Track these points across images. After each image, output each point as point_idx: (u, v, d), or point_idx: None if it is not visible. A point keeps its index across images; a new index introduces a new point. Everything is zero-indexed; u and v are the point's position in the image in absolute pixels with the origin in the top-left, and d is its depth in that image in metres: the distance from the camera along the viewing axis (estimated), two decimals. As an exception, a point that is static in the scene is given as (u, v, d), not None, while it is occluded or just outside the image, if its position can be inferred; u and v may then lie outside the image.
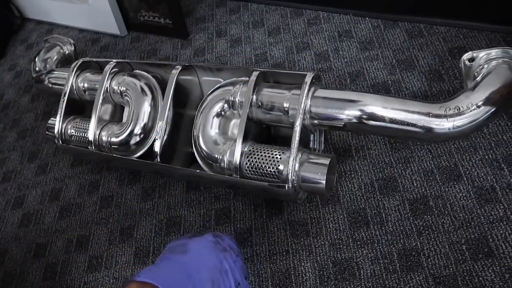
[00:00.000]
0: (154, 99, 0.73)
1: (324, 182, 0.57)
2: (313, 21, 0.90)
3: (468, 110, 0.53)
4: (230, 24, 0.99)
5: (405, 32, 0.80)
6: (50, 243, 0.79)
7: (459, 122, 0.53)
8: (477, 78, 0.56)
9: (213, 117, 0.66)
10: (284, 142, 0.70)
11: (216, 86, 0.68)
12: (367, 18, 0.85)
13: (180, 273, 0.45)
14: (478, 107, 0.53)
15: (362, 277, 0.58)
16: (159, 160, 0.68)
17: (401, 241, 0.59)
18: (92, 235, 0.77)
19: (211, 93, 0.67)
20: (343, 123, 0.58)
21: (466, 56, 0.59)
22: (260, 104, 0.62)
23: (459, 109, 0.53)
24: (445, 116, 0.53)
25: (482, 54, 0.58)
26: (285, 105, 0.60)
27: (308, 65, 0.84)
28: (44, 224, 0.82)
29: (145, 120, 0.72)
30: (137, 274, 0.46)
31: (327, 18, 0.89)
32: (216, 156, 0.64)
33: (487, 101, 0.53)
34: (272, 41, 0.91)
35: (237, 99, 0.64)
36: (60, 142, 0.79)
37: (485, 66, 0.57)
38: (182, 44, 1.01)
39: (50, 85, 0.89)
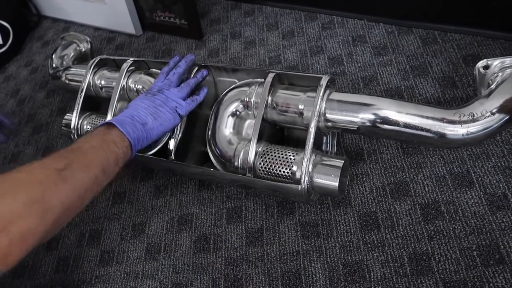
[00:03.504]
0: (169, 98, 0.74)
1: (337, 184, 0.57)
2: (327, 25, 0.91)
3: (482, 117, 0.53)
4: (244, 26, 1.00)
5: (419, 38, 0.81)
6: (62, 236, 0.80)
7: (473, 128, 0.53)
8: (492, 86, 0.56)
9: (228, 117, 0.67)
10: (296, 143, 0.71)
11: (232, 87, 0.69)
12: (381, 24, 0.86)
13: (127, 117, 0.61)
14: (492, 114, 0.53)
15: (372, 279, 0.58)
16: (173, 158, 0.69)
17: (412, 245, 0.59)
18: (104, 230, 0.78)
19: (226, 93, 0.69)
20: (356, 126, 0.59)
21: (480, 63, 0.59)
22: (275, 105, 0.63)
23: (473, 116, 0.53)
24: (459, 122, 0.53)
25: (496, 62, 0.58)
26: (300, 107, 0.61)
27: (322, 68, 0.84)
28: (57, 218, 0.84)
29: (160, 118, 0.73)
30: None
31: (342, 22, 0.90)
32: (230, 155, 0.65)
33: (501, 109, 0.53)
34: (286, 44, 0.92)
35: (252, 100, 0.65)
36: (76, 137, 0.80)
37: (500, 74, 0.57)
38: (196, 45, 1.02)
39: (67, 81, 0.91)
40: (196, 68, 0.73)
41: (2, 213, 0.41)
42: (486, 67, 0.59)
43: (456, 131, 0.53)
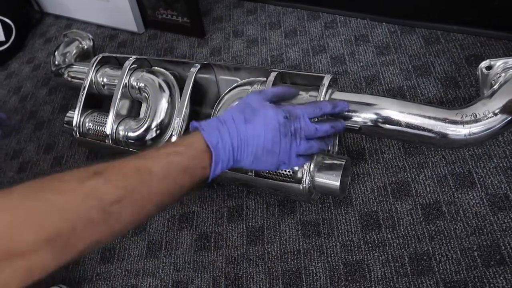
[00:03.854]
0: (171, 96, 0.74)
1: (338, 183, 0.57)
2: (330, 24, 0.91)
3: (484, 118, 0.53)
4: (247, 24, 1.00)
5: (422, 38, 0.80)
6: (64, 233, 0.81)
7: (475, 129, 0.53)
8: (495, 86, 0.56)
9: (230, 116, 0.67)
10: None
11: (234, 85, 0.69)
12: (384, 23, 0.86)
13: (233, 146, 0.49)
14: (495, 115, 0.53)
15: (373, 279, 0.59)
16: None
17: (413, 245, 0.59)
18: (105, 228, 0.78)
19: (228, 92, 0.69)
20: (358, 126, 0.59)
21: (483, 64, 0.59)
22: (277, 104, 0.63)
23: (476, 116, 0.53)
24: (462, 123, 0.53)
25: (499, 63, 0.58)
26: (302, 106, 0.61)
27: (324, 68, 0.84)
28: (58, 215, 0.84)
29: (162, 116, 0.73)
30: (202, 125, 0.50)
31: (344, 22, 0.90)
32: (232, 154, 0.65)
33: (504, 109, 0.53)
34: (288, 43, 0.92)
35: (254, 99, 0.65)
36: (78, 135, 0.81)
37: (503, 74, 0.57)
38: (198, 43, 1.02)
39: (69, 78, 0.91)
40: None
41: (15, 245, 0.34)
42: (489, 68, 0.59)
43: (458, 131, 0.53)
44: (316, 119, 0.56)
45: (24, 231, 0.34)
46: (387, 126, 0.57)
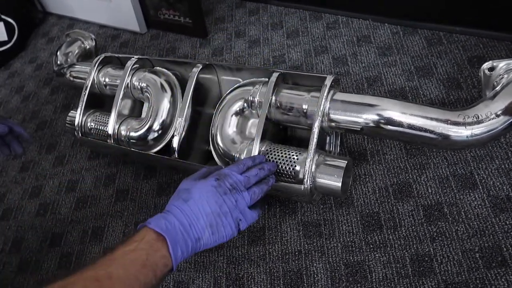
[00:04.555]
0: (173, 96, 0.74)
1: (340, 184, 0.57)
2: (332, 25, 0.91)
3: (487, 119, 0.53)
4: (249, 25, 1.00)
5: (424, 39, 0.80)
6: (65, 233, 0.81)
7: (477, 130, 0.53)
8: (497, 88, 0.56)
9: (232, 116, 0.67)
10: (299, 143, 0.71)
11: (236, 86, 0.69)
12: (386, 24, 0.86)
13: (183, 225, 0.51)
14: (497, 116, 0.53)
15: (374, 280, 0.58)
16: (176, 156, 0.69)
17: (414, 246, 0.59)
18: (107, 227, 0.79)
19: (230, 92, 0.69)
20: (360, 127, 0.59)
21: (486, 65, 0.59)
22: (279, 105, 0.63)
23: (478, 118, 0.53)
24: (464, 124, 0.53)
25: (502, 64, 0.58)
26: (304, 106, 0.61)
27: (326, 68, 0.84)
28: (60, 214, 0.84)
29: (164, 116, 0.73)
30: (148, 221, 0.51)
31: (346, 22, 0.90)
32: (233, 154, 0.65)
33: (506, 111, 0.53)
34: (290, 43, 0.92)
35: (256, 99, 0.65)
36: (80, 134, 0.81)
37: (505, 76, 0.57)
38: (200, 43, 1.02)
39: (71, 78, 0.91)
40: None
41: None
42: (492, 69, 0.59)
43: (460, 132, 0.53)
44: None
45: None
46: (389, 127, 0.57)
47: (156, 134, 0.74)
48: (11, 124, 0.73)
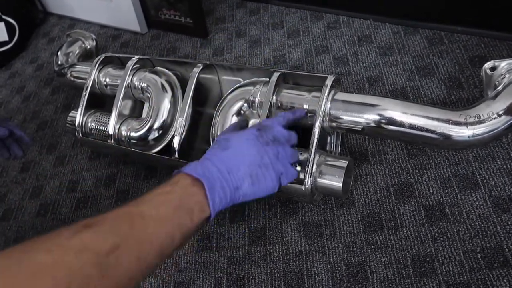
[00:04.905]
0: (174, 96, 0.74)
1: (341, 184, 0.57)
2: (333, 25, 0.91)
3: (488, 119, 0.53)
4: (249, 25, 1.00)
5: (425, 39, 0.80)
6: (66, 233, 0.81)
7: (479, 130, 0.53)
8: (499, 88, 0.56)
9: (232, 116, 0.67)
10: (300, 143, 0.70)
11: (236, 86, 0.69)
12: (387, 24, 0.86)
13: (221, 172, 0.48)
14: (499, 116, 0.52)
15: (375, 281, 0.58)
16: (177, 156, 0.69)
17: (416, 246, 0.59)
18: (107, 228, 0.78)
19: (231, 92, 0.68)
20: (361, 127, 0.59)
21: (487, 65, 0.59)
22: (279, 104, 0.63)
23: (480, 118, 0.53)
24: (465, 124, 0.53)
25: (504, 64, 0.58)
26: (304, 106, 0.61)
27: (327, 68, 0.84)
28: (61, 215, 0.84)
29: (165, 116, 0.73)
30: (183, 168, 0.48)
31: (347, 22, 0.90)
32: (234, 154, 0.65)
33: (508, 111, 0.52)
34: (291, 43, 0.92)
35: (257, 99, 0.65)
36: (80, 134, 0.81)
37: (507, 75, 0.57)
38: (201, 43, 1.02)
39: (72, 78, 0.91)
40: None
41: None
42: (493, 69, 0.58)
43: (462, 132, 0.53)
44: None
45: None
46: (390, 127, 0.56)
47: (156, 134, 0.74)
48: (11, 127, 0.74)
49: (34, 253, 0.32)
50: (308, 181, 0.58)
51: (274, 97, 0.63)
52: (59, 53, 0.98)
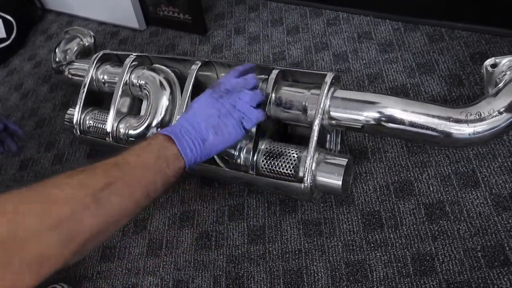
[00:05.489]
0: (172, 93, 0.74)
1: (340, 183, 0.57)
2: (333, 21, 0.90)
3: (489, 117, 0.52)
4: (248, 21, 0.99)
5: (425, 35, 0.79)
6: (64, 231, 0.80)
7: (479, 128, 0.52)
8: (500, 85, 0.55)
9: (231, 114, 0.66)
10: (300, 141, 0.70)
11: (235, 83, 0.68)
12: (387, 20, 0.85)
13: (186, 128, 0.55)
14: (500, 113, 0.52)
15: (375, 279, 0.58)
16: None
17: (415, 245, 0.59)
18: (106, 226, 0.78)
19: (229, 89, 0.68)
20: (361, 125, 0.58)
21: (488, 62, 0.58)
22: (278, 102, 0.63)
23: (480, 115, 0.53)
24: (466, 122, 0.52)
25: (505, 61, 0.57)
26: (304, 104, 0.61)
27: (326, 65, 0.83)
28: (59, 213, 0.83)
29: (163, 114, 0.73)
30: (159, 131, 0.55)
31: (347, 19, 0.89)
32: (233, 152, 0.64)
33: (509, 108, 0.52)
34: (290, 40, 0.91)
35: (256, 97, 0.64)
36: (78, 132, 0.80)
37: (508, 72, 0.56)
38: (200, 40, 1.02)
39: (70, 76, 0.91)
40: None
41: (21, 232, 0.36)
42: (494, 66, 0.58)
43: (463, 130, 0.52)
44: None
45: (27, 219, 0.37)
46: (390, 124, 0.56)
47: (155, 132, 0.73)
48: (5, 122, 0.73)
49: (46, 188, 0.41)
50: (307, 179, 0.57)
51: (273, 95, 0.63)
52: (57, 50, 0.97)
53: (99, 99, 0.84)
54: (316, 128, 0.58)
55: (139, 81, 0.75)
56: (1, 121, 0.72)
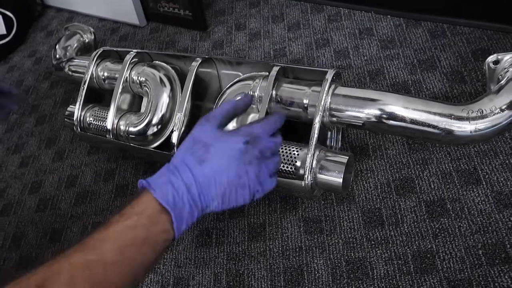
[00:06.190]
0: (172, 90, 0.74)
1: (341, 180, 0.56)
2: (334, 17, 0.89)
3: (491, 114, 0.52)
4: (249, 17, 0.99)
5: (427, 31, 0.79)
6: (66, 228, 0.80)
7: (481, 125, 0.52)
8: (502, 82, 0.55)
9: (232, 111, 0.66)
10: (300, 138, 0.70)
11: (236, 80, 0.68)
12: (389, 16, 0.84)
13: (192, 196, 0.43)
14: (502, 110, 0.52)
15: (375, 277, 0.58)
16: (176, 151, 0.69)
17: (416, 242, 0.59)
18: (106, 223, 0.78)
19: (230, 86, 0.68)
20: (362, 122, 0.58)
21: (490, 58, 0.58)
22: (279, 99, 0.62)
23: (482, 112, 0.52)
24: (468, 119, 0.52)
25: (507, 57, 0.57)
26: (304, 101, 0.60)
27: (328, 61, 0.83)
28: (60, 210, 0.84)
29: (163, 111, 0.73)
30: (152, 185, 0.43)
31: (348, 15, 0.88)
32: (233, 149, 0.64)
33: (511, 105, 0.52)
34: (291, 36, 0.90)
35: (256, 94, 0.64)
36: (79, 129, 0.80)
37: (510, 69, 0.56)
38: (200, 36, 1.01)
39: (70, 72, 0.90)
40: None
41: None
42: (496, 62, 0.57)
43: (464, 127, 0.52)
44: None
45: None
46: (391, 122, 0.56)
47: (155, 129, 0.73)
48: None
49: None
50: (308, 176, 0.57)
51: (274, 92, 0.62)
52: (57, 46, 0.97)
53: (99, 96, 0.84)
54: (316, 125, 0.58)
55: (139, 78, 0.75)
56: None
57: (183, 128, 0.69)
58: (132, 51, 0.77)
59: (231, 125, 0.65)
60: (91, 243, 0.39)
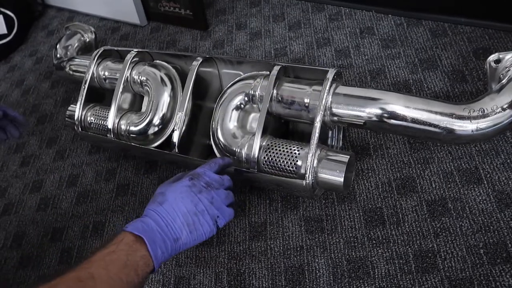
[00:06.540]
0: (173, 89, 0.74)
1: (342, 179, 0.56)
2: (335, 16, 0.89)
3: (492, 113, 0.52)
4: (250, 17, 0.99)
5: (428, 31, 0.79)
6: (66, 228, 0.81)
7: (482, 124, 0.52)
8: (503, 81, 0.55)
9: (232, 110, 0.66)
10: (301, 137, 0.70)
11: (236, 79, 0.68)
12: (390, 15, 0.84)
13: (160, 226, 0.52)
14: (503, 110, 0.52)
15: (377, 276, 0.58)
16: (177, 150, 0.69)
17: (417, 242, 0.59)
18: (108, 222, 0.78)
19: (231, 85, 0.68)
20: (363, 121, 0.58)
21: (492, 57, 0.58)
22: (280, 98, 0.62)
23: (483, 111, 0.52)
24: (469, 118, 0.52)
25: (508, 56, 0.57)
26: (305, 100, 0.60)
27: (328, 61, 0.83)
28: (61, 209, 0.84)
29: (164, 110, 0.72)
30: (125, 226, 0.52)
31: (349, 14, 0.88)
32: (234, 149, 0.64)
33: (512, 104, 0.52)
34: (292, 35, 0.90)
35: (257, 93, 0.64)
36: (80, 129, 0.80)
37: (511, 68, 0.56)
38: (201, 35, 1.01)
39: (71, 72, 0.90)
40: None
41: None
42: (498, 61, 0.57)
43: (465, 127, 0.52)
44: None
45: None
46: (392, 121, 0.56)
47: (156, 129, 0.73)
48: (4, 108, 0.73)
49: None
50: (309, 176, 0.57)
51: (275, 91, 0.62)
52: (58, 46, 0.97)
53: (100, 96, 0.84)
54: (317, 124, 0.58)
55: (140, 77, 0.75)
56: (0, 108, 0.72)
57: (184, 128, 0.69)
58: (133, 51, 0.77)
59: (233, 124, 0.65)
60: (80, 265, 0.46)
